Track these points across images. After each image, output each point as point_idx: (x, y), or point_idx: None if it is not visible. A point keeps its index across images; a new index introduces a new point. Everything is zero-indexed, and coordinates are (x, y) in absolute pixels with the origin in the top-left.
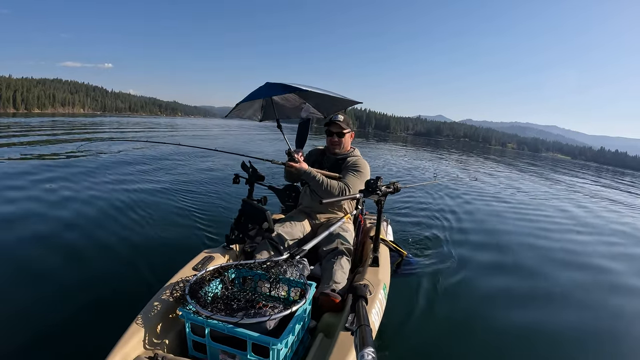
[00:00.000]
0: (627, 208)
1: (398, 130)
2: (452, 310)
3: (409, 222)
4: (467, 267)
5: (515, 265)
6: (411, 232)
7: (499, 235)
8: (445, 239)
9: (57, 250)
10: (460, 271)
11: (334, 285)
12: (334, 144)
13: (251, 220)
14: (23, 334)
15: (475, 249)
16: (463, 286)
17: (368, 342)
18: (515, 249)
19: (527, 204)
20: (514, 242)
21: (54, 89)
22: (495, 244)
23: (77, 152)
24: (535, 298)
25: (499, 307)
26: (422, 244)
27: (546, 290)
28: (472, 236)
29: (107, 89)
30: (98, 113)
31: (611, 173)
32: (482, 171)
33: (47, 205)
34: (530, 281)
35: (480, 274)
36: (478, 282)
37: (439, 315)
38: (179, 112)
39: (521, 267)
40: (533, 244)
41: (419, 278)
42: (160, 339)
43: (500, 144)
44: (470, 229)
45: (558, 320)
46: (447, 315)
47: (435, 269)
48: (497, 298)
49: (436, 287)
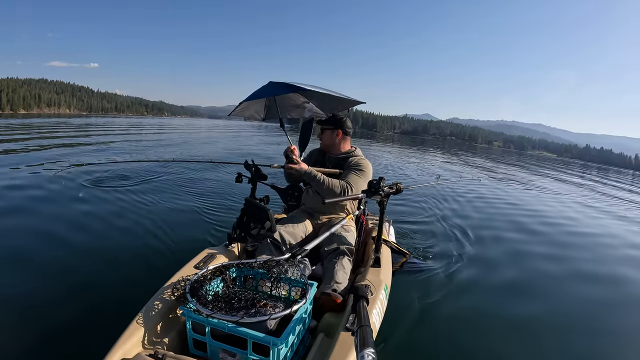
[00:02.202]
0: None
1: (385, 129)
2: (453, 311)
3: (411, 223)
4: (469, 268)
5: (524, 268)
6: (413, 233)
7: (502, 237)
8: (447, 240)
9: (58, 248)
10: (463, 272)
11: (335, 285)
12: (320, 139)
13: (254, 220)
14: (24, 332)
15: (479, 250)
16: (465, 287)
17: (368, 343)
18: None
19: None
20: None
21: (39, 89)
22: (500, 245)
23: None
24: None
25: (503, 309)
26: (425, 245)
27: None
28: (475, 237)
29: (93, 89)
30: (84, 113)
31: (595, 170)
32: (468, 170)
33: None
34: (538, 282)
35: (483, 276)
36: (481, 283)
37: (440, 316)
38: (166, 112)
39: (530, 269)
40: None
41: (420, 279)
42: (161, 337)
43: (487, 142)
44: (473, 230)
45: (568, 321)
46: (448, 317)
47: (437, 270)
48: (501, 299)
49: (438, 288)
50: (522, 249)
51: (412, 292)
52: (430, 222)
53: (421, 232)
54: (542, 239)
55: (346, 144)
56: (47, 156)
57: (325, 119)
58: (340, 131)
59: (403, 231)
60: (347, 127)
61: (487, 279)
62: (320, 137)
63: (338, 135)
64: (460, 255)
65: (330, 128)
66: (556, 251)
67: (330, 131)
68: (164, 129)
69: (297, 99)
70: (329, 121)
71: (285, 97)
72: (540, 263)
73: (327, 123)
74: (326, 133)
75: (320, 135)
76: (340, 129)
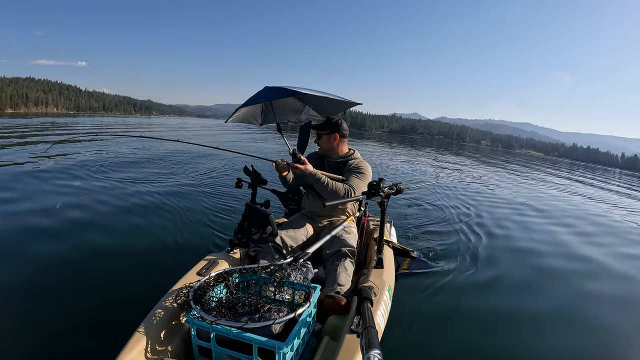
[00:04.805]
0: None
1: (373, 127)
2: (458, 310)
3: (413, 224)
4: (474, 266)
5: (531, 265)
6: (416, 233)
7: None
8: (451, 239)
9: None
10: (467, 271)
11: (338, 287)
12: (318, 144)
13: (255, 225)
14: (26, 341)
15: (483, 249)
16: (470, 286)
17: (374, 344)
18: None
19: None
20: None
21: (27, 88)
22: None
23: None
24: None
25: (509, 307)
26: (428, 245)
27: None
28: (479, 235)
29: (80, 88)
30: (71, 112)
31: (582, 168)
32: (466, 169)
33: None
34: (547, 281)
35: (489, 274)
36: (486, 282)
37: (445, 315)
38: (154, 111)
39: (534, 267)
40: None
41: (424, 278)
42: (165, 345)
43: (475, 141)
44: (477, 228)
45: (577, 320)
46: (452, 316)
47: (441, 269)
48: (506, 298)
49: (441, 287)
50: (527, 247)
51: (416, 292)
52: (433, 221)
53: (424, 232)
54: (548, 237)
55: (344, 147)
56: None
57: (320, 124)
58: (337, 135)
59: (405, 231)
60: (343, 129)
61: (492, 277)
62: (317, 142)
63: (335, 139)
64: (465, 254)
65: (326, 133)
66: (565, 250)
67: (327, 136)
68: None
69: (294, 102)
70: (325, 126)
71: (282, 101)
72: (548, 261)
73: (323, 128)
74: (323, 138)
75: (317, 140)
76: (336, 132)
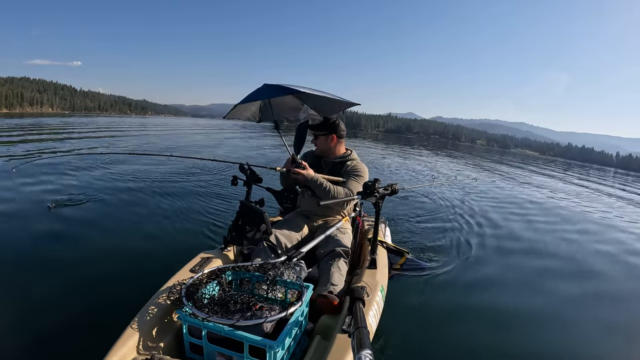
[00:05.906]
0: None
1: (369, 127)
2: (450, 311)
3: (408, 224)
4: (467, 267)
5: (521, 265)
6: (410, 233)
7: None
8: (445, 240)
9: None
10: (461, 271)
11: (331, 287)
12: (315, 144)
13: (249, 223)
14: (18, 336)
15: (475, 248)
16: (462, 287)
17: (365, 345)
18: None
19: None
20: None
21: (22, 87)
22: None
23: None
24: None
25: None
26: (422, 245)
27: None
28: (471, 235)
29: (75, 88)
30: (67, 112)
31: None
32: (462, 170)
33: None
34: (538, 281)
35: (480, 275)
36: (478, 282)
37: (437, 316)
38: (149, 111)
39: (528, 267)
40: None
41: (417, 279)
42: (157, 341)
43: (470, 141)
44: (471, 229)
45: (571, 320)
46: (445, 316)
47: (434, 270)
48: (500, 298)
49: (434, 288)
50: (521, 247)
51: (408, 293)
52: (427, 222)
53: (418, 233)
54: (541, 237)
55: (341, 147)
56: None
57: (317, 124)
58: (335, 135)
59: (400, 232)
60: (340, 130)
61: (486, 277)
62: (314, 143)
63: (332, 140)
64: (458, 255)
65: (324, 133)
66: (558, 250)
67: (324, 136)
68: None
69: (292, 101)
70: (322, 126)
71: (280, 99)
72: (543, 261)
73: (321, 128)
74: (320, 139)
75: (314, 140)
76: (334, 133)
